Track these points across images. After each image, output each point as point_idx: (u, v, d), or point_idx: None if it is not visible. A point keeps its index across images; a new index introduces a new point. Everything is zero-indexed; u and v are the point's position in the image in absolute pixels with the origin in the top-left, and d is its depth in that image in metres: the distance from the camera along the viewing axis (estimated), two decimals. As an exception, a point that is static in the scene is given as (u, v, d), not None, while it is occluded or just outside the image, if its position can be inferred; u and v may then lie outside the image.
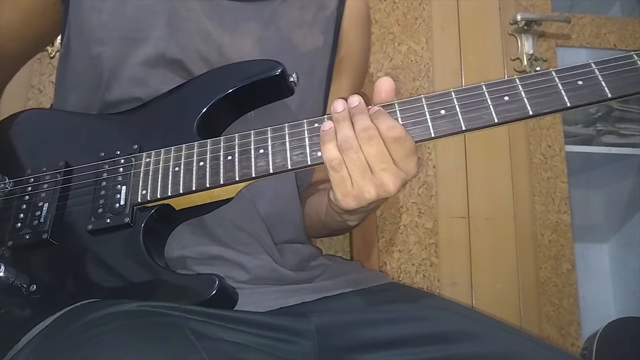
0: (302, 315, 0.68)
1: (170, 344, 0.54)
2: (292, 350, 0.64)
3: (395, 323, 0.67)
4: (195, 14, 0.77)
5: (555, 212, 1.42)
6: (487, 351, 0.62)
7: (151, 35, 0.75)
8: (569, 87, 0.58)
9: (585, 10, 1.67)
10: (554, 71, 0.60)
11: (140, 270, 0.63)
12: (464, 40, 1.48)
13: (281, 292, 0.71)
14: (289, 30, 0.82)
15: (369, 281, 0.77)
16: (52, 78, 1.29)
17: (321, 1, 0.87)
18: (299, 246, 0.81)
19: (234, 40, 0.78)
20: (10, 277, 0.63)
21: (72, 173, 0.70)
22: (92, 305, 0.60)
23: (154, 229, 0.66)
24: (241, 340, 0.61)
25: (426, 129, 0.60)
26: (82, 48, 0.77)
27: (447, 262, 1.34)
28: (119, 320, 0.56)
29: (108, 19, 0.76)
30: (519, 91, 0.59)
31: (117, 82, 0.75)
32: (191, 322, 0.58)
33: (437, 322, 0.67)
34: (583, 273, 1.66)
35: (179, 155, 0.66)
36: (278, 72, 0.70)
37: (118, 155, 0.69)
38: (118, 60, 0.75)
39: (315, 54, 0.84)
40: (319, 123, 0.63)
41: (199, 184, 0.64)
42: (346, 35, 0.88)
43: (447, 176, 1.39)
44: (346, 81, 0.90)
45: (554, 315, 1.36)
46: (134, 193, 0.66)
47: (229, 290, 0.63)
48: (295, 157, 0.62)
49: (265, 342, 0.63)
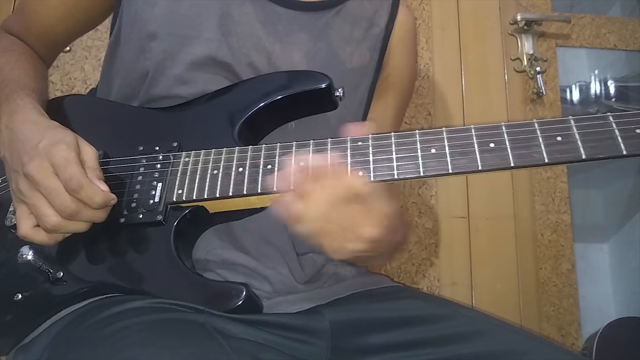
0: (318, 314, 0.69)
1: (194, 342, 0.54)
2: (308, 351, 0.65)
3: (404, 325, 0.68)
4: (248, 19, 0.76)
5: (556, 212, 1.42)
6: (492, 349, 0.64)
7: (202, 36, 0.75)
8: (625, 134, 0.56)
9: (585, 10, 1.67)
10: (612, 116, 0.57)
11: (167, 269, 0.63)
12: (464, 40, 1.48)
13: (297, 299, 0.71)
14: (337, 45, 0.81)
15: (375, 284, 0.79)
16: (52, 78, 1.30)
17: (372, 17, 0.85)
18: (315, 256, 0.80)
19: (283, 50, 0.77)
20: (38, 262, 0.63)
21: (109, 164, 0.69)
22: (113, 299, 0.61)
23: (185, 230, 0.66)
24: (261, 339, 0.61)
25: (473, 160, 0.59)
26: (133, 39, 0.77)
27: (447, 262, 1.34)
28: (140, 316, 0.56)
29: (161, 14, 0.75)
30: (573, 132, 0.57)
31: (163, 78, 0.75)
32: (213, 320, 0.58)
33: (445, 323, 0.69)
34: (583, 273, 1.66)
35: (219, 159, 0.66)
36: (325, 85, 0.70)
37: (157, 151, 0.69)
38: (167, 56, 0.74)
39: (360, 71, 0.83)
40: (362, 142, 0.62)
41: (236, 189, 0.63)
42: (393, 53, 0.87)
43: (447, 176, 1.39)
44: (391, 99, 0.90)
45: (554, 315, 1.36)
46: (170, 191, 0.66)
47: (254, 300, 0.63)
48: None
49: (284, 342, 0.63)
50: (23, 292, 0.65)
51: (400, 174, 0.60)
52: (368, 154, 0.61)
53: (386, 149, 0.61)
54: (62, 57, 1.30)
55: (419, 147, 0.60)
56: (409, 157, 0.60)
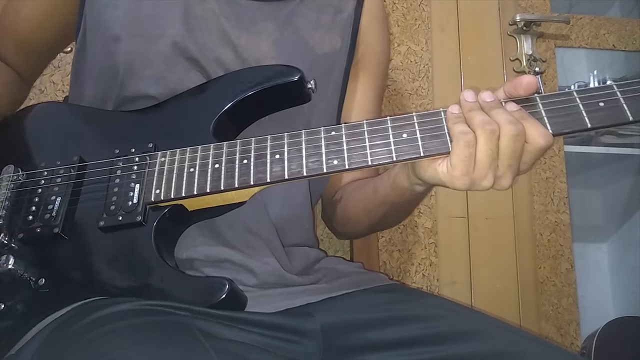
0: (308, 315, 0.68)
1: (179, 344, 0.53)
2: (298, 351, 0.64)
3: (398, 323, 0.67)
4: (211, 14, 0.77)
5: (554, 212, 1.42)
6: (488, 350, 0.63)
7: (167, 33, 0.75)
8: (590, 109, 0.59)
9: (584, 11, 1.67)
10: (575, 92, 0.60)
11: (150, 269, 0.63)
12: (464, 41, 1.49)
13: (287, 294, 0.71)
14: (305, 32, 0.81)
15: (372, 282, 0.78)
16: (53, 78, 1.30)
17: (338, 4, 0.86)
18: (306, 249, 0.81)
19: (250, 41, 0.77)
20: (19, 270, 0.63)
21: (85, 168, 0.70)
22: (98, 303, 0.60)
23: (166, 229, 0.66)
24: (248, 340, 0.61)
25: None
26: (99, 43, 0.77)
27: (447, 262, 1.35)
28: (125, 319, 0.56)
29: (123, 15, 0.76)
30: (539, 110, 0.60)
31: (133, 78, 0.75)
32: (198, 322, 0.58)
33: (440, 322, 0.68)
34: (582, 273, 1.66)
35: (195, 157, 0.66)
36: (297, 78, 0.70)
37: (133, 152, 0.69)
38: (135, 56, 0.75)
39: (332, 56, 0.83)
40: (335, 131, 0.63)
41: (213, 186, 0.64)
42: (364, 35, 0.88)
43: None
44: (366, 81, 0.89)
45: (553, 314, 1.36)
46: (148, 192, 0.66)
47: (238, 294, 0.63)
48: (311, 164, 0.63)
49: (272, 343, 0.63)
50: (5, 301, 0.64)
51: (374, 160, 0.61)
52: (342, 143, 0.62)
53: (359, 137, 0.62)
54: (63, 58, 1.30)
55: (391, 133, 0.62)
56: (381, 144, 0.61)
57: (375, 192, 0.78)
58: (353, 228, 0.89)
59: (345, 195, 0.87)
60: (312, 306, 0.70)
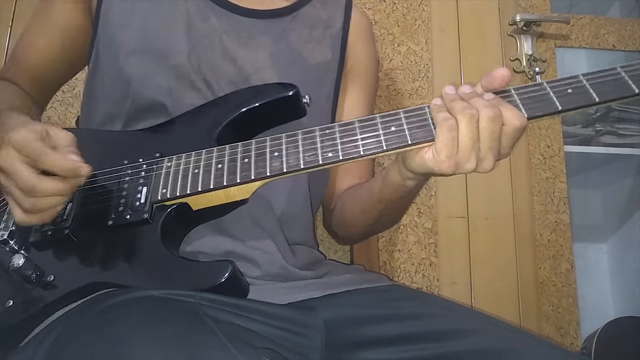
0: (311, 309, 0.70)
1: (187, 325, 0.55)
2: (302, 343, 0.66)
3: (398, 320, 0.69)
4: (213, 30, 0.84)
5: (554, 212, 1.42)
6: (487, 347, 0.64)
7: (173, 48, 0.82)
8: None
9: (584, 11, 1.68)
10: (546, 82, 0.66)
11: (156, 260, 0.66)
12: (464, 41, 1.49)
13: (290, 287, 0.73)
14: (298, 45, 0.88)
15: (373, 282, 0.80)
16: (53, 79, 1.30)
17: (328, 20, 0.93)
18: (308, 249, 0.85)
19: (248, 53, 0.84)
20: (29, 268, 0.65)
21: (95, 176, 0.73)
22: (111, 293, 0.63)
23: (172, 227, 0.69)
24: (254, 328, 0.62)
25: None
26: (112, 63, 0.82)
27: (447, 262, 1.35)
28: (136, 305, 0.58)
29: (133, 32, 0.82)
30: (514, 99, 0.66)
31: (143, 92, 0.79)
32: (206, 308, 0.60)
33: (439, 320, 0.69)
34: (582, 273, 1.67)
35: (199, 159, 0.70)
36: (292, 92, 0.76)
37: (141, 162, 0.73)
38: (144, 71, 0.80)
39: (324, 66, 0.90)
40: (329, 129, 0.68)
41: (216, 182, 0.68)
42: (352, 49, 0.95)
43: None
44: (357, 91, 0.96)
45: (553, 314, 1.36)
46: (155, 192, 0.69)
47: (240, 278, 0.65)
48: (307, 157, 0.67)
49: (277, 333, 0.64)
50: (15, 298, 0.66)
51: (365, 151, 0.66)
52: (336, 138, 0.67)
53: (352, 132, 0.67)
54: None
55: (380, 127, 0.67)
56: (372, 136, 0.66)
57: (370, 192, 0.82)
58: (352, 230, 0.92)
59: (343, 199, 0.92)
60: (315, 301, 0.72)
